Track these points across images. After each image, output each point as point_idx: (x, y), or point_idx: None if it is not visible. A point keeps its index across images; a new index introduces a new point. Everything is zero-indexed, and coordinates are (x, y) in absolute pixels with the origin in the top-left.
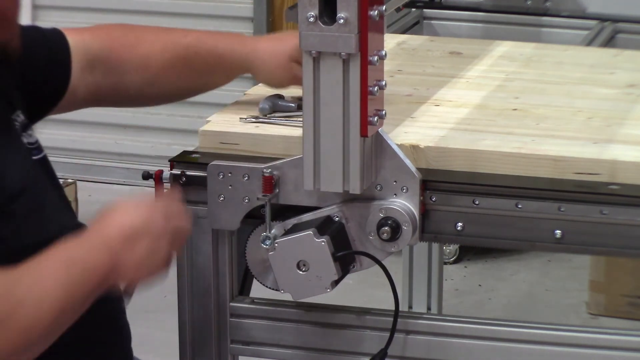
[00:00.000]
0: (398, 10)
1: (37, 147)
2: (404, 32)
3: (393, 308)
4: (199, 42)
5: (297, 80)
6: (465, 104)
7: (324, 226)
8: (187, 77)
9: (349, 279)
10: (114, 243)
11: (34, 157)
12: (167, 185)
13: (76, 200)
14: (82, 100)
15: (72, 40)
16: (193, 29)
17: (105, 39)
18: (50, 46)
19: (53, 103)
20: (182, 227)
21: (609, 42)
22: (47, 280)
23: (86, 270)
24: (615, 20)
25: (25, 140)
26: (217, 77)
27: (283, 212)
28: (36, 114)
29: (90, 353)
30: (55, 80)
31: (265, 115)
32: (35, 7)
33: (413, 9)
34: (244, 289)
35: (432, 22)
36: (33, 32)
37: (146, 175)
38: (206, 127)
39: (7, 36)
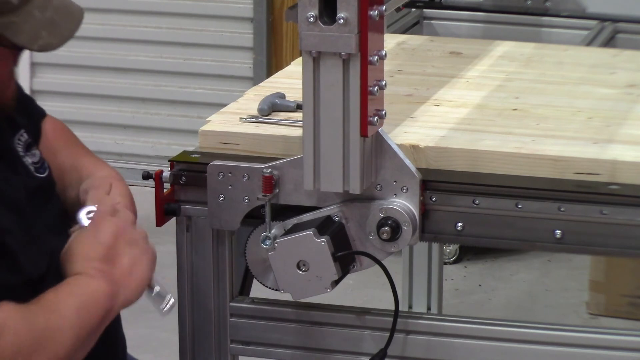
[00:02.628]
0: (398, 10)
1: (42, 166)
2: (404, 32)
3: (393, 308)
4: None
5: None
6: (465, 104)
7: (324, 226)
8: None
9: (349, 279)
10: (98, 266)
11: (39, 175)
12: (166, 185)
13: None
14: None
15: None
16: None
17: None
18: None
19: None
20: (129, 216)
21: (609, 42)
22: (62, 318)
23: (91, 300)
24: (615, 20)
25: (29, 160)
26: None
27: (283, 212)
28: (39, 132)
29: None
30: None
31: (265, 115)
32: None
33: (413, 9)
34: (244, 289)
35: (432, 22)
36: None
37: (146, 175)
38: (206, 127)
39: (3, 100)
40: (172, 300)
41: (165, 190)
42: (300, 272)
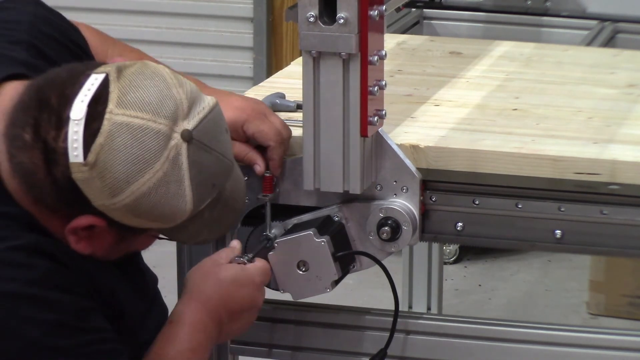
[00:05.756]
0: (398, 10)
1: None
2: (404, 32)
3: (393, 308)
4: None
5: None
6: (465, 104)
7: (324, 226)
8: None
9: (349, 279)
10: (224, 323)
11: None
12: None
13: None
14: None
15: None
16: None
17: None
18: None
19: None
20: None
21: (609, 42)
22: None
23: (209, 348)
24: (615, 20)
25: None
26: None
27: (283, 212)
28: None
29: None
30: None
31: None
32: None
33: (413, 9)
34: None
35: (432, 22)
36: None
37: None
38: None
39: None
40: None
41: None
42: (300, 272)
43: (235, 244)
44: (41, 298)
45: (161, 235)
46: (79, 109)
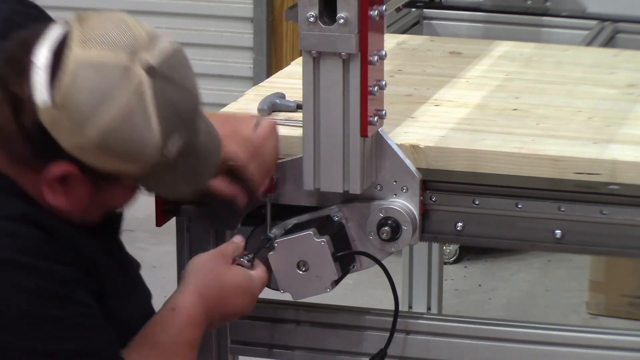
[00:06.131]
0: (398, 10)
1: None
2: (404, 32)
3: (393, 308)
4: None
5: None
6: (465, 104)
7: (324, 226)
8: None
9: (349, 279)
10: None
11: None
12: None
13: None
14: None
15: None
16: None
17: None
18: None
19: None
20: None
21: (609, 42)
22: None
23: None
24: (615, 20)
25: None
26: None
27: (283, 212)
28: None
29: None
30: None
31: (266, 116)
32: None
33: (413, 9)
34: None
35: (432, 22)
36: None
37: None
38: None
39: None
40: None
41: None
42: (300, 272)
43: (238, 240)
44: (29, 266)
45: (142, 191)
46: (41, 55)
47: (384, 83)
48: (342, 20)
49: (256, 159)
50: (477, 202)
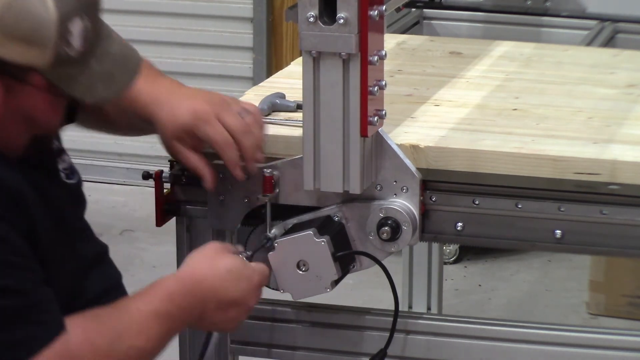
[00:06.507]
0: (398, 10)
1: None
2: (404, 32)
3: (393, 308)
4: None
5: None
6: (465, 104)
7: (324, 226)
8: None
9: (349, 279)
10: (209, 309)
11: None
12: (167, 185)
13: None
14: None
15: None
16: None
17: None
18: None
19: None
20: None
21: (609, 42)
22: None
23: (179, 324)
24: (615, 20)
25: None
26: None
27: (283, 212)
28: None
29: None
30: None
31: (265, 115)
32: None
33: (413, 9)
34: None
35: (432, 22)
36: None
37: (146, 175)
38: None
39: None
40: None
41: (165, 190)
42: (300, 272)
43: (239, 247)
44: None
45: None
46: None
47: (384, 83)
48: (342, 20)
49: (230, 148)
50: (477, 202)
